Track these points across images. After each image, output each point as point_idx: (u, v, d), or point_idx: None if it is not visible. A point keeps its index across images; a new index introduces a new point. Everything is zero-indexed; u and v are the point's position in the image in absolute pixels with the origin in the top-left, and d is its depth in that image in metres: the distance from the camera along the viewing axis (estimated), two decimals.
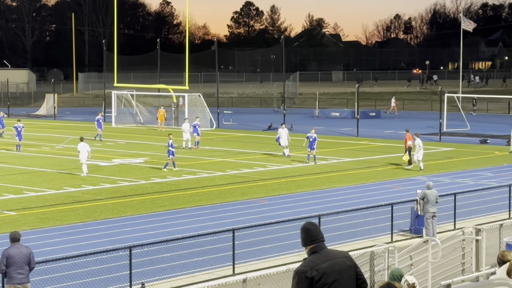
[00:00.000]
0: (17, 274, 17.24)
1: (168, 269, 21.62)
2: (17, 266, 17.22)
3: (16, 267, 17.22)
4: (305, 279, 8.65)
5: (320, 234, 8.83)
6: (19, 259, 17.23)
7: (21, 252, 17.32)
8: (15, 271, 17.23)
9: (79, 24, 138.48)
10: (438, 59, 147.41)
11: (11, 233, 18.00)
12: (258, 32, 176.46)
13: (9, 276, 17.27)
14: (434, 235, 24.06)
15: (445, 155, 47.13)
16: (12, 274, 17.24)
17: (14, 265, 17.21)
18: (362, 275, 9.04)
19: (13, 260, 17.20)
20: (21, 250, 17.40)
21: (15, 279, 17.26)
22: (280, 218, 26.96)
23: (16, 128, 47.98)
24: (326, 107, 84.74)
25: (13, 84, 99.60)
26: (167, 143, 40.09)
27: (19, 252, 17.30)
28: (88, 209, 30.18)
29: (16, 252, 17.28)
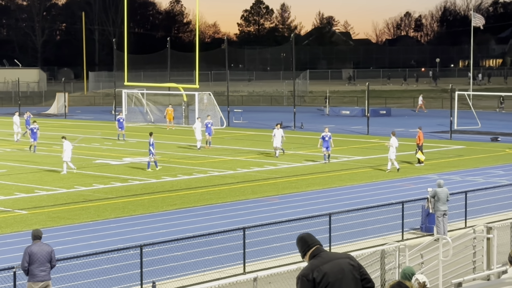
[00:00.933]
0: (39, 272, 17.40)
1: (179, 268, 21.65)
2: (39, 263, 17.38)
3: (38, 265, 17.38)
4: (307, 282, 8.70)
5: (315, 239, 9.00)
6: (41, 256, 17.39)
7: (43, 250, 17.49)
8: (37, 269, 17.38)
9: (89, 23, 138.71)
10: (449, 57, 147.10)
11: (33, 231, 18.14)
12: (268, 31, 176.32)
13: (32, 273, 17.42)
14: (445, 233, 24.02)
15: (455, 153, 47.02)
16: (35, 271, 17.39)
17: (36, 263, 17.37)
18: (367, 275, 9.05)
19: (36, 258, 17.36)
20: (43, 247, 17.56)
21: (37, 277, 17.41)
22: (291, 216, 26.98)
23: (32, 130, 47.72)
24: (336, 105, 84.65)
25: (23, 83, 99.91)
26: (148, 142, 39.87)
27: (41, 250, 17.46)
28: (99, 208, 30.24)
29: (38, 250, 17.44)
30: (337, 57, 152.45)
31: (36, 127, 47.76)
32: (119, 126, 54.11)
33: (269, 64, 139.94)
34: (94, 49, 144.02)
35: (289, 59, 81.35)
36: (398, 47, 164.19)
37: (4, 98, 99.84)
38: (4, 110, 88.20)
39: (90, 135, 50.54)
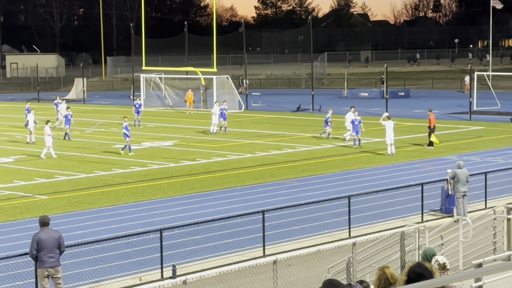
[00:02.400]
0: (48, 258, 17.41)
1: (199, 251, 21.72)
2: (47, 250, 17.39)
3: (47, 251, 17.39)
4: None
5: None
6: (49, 243, 17.39)
7: (51, 236, 17.48)
8: (46, 255, 17.40)
9: (107, 8, 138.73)
10: (467, 37, 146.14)
11: (40, 218, 18.15)
12: (286, 13, 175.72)
13: (40, 260, 17.45)
14: (465, 215, 23.95)
15: (475, 134, 46.80)
16: (43, 258, 17.41)
17: (44, 249, 17.37)
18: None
19: (44, 244, 17.36)
20: (50, 234, 17.55)
21: (46, 263, 17.43)
22: (310, 199, 26.98)
23: (66, 117, 47.45)
24: (354, 88, 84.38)
25: (42, 69, 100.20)
26: (122, 125, 39.98)
27: (49, 236, 17.45)
28: (119, 192, 30.35)
29: (46, 236, 17.44)
30: (355, 39, 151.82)
31: (70, 113, 47.61)
32: (136, 112, 54.12)
33: (287, 47, 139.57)
34: (112, 34, 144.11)
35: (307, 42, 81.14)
36: (417, 28, 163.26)
37: (23, 84, 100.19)
38: (23, 96, 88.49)
39: (108, 120, 50.63)
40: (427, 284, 5.60)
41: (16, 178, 33.39)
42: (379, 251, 18.60)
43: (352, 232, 23.51)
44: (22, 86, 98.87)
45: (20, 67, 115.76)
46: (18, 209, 27.51)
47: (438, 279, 6.32)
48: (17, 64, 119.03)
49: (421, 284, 5.60)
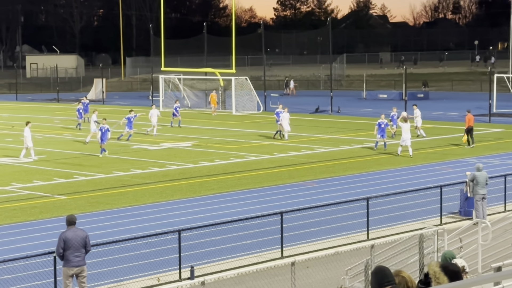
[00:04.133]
0: (74, 257, 17.51)
1: (217, 252, 21.73)
2: (74, 249, 17.48)
3: (73, 250, 17.48)
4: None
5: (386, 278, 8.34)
6: (76, 242, 17.49)
7: (78, 235, 17.58)
8: (72, 254, 17.49)
9: (126, 8, 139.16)
10: (487, 39, 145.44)
11: (67, 217, 18.24)
12: (305, 15, 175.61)
13: (67, 259, 17.54)
14: (484, 217, 23.84)
15: (495, 136, 46.59)
16: (70, 257, 17.51)
17: (71, 248, 17.47)
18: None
19: (70, 244, 17.47)
20: (77, 233, 17.66)
21: (72, 262, 17.53)
22: (328, 201, 26.94)
23: (128, 119, 46.61)
24: (373, 89, 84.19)
25: (62, 69, 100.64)
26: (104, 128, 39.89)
27: (75, 235, 17.55)
28: (137, 193, 30.42)
29: (73, 235, 17.54)
30: (374, 40, 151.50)
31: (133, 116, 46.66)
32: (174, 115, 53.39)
33: (305, 48, 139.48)
34: (131, 35, 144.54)
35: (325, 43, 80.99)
36: (436, 29, 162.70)
37: (43, 84, 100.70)
38: (43, 96, 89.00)
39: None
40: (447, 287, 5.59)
41: (35, 178, 33.55)
42: (397, 254, 18.54)
43: (370, 234, 23.46)
44: (41, 86, 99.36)
45: (40, 67, 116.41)
46: (37, 209, 27.64)
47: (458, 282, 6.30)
48: (37, 65, 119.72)
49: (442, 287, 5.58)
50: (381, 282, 8.27)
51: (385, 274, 8.34)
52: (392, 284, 8.26)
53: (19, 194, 30.24)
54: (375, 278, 8.34)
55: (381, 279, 8.26)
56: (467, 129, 41.61)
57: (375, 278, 8.35)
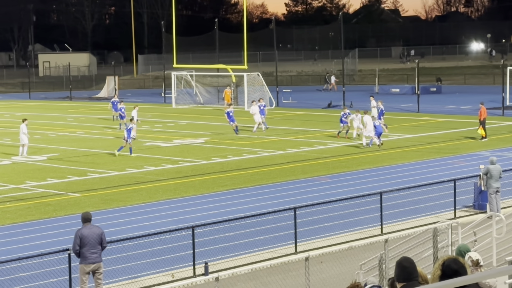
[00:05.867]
0: (90, 254, 17.61)
1: (231, 248, 21.75)
2: (90, 246, 17.58)
3: (90, 247, 17.58)
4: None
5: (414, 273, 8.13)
6: (92, 239, 17.59)
7: (94, 232, 17.69)
8: (88, 251, 17.59)
9: (138, 6, 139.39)
10: (500, 32, 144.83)
11: (83, 214, 18.34)
12: (316, 10, 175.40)
13: (83, 256, 17.64)
14: (498, 211, 23.76)
15: (508, 129, 46.42)
16: (86, 254, 17.61)
17: (87, 245, 17.57)
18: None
19: (87, 240, 17.57)
20: (93, 230, 17.76)
21: (89, 259, 17.62)
22: (342, 195, 26.91)
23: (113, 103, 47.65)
24: (385, 84, 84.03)
25: (74, 68, 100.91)
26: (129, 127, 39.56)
27: (91, 232, 17.66)
28: (151, 189, 30.48)
29: (89, 232, 17.64)
30: (386, 34, 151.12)
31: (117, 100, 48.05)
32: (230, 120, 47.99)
33: (317, 44, 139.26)
34: (143, 32, 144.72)
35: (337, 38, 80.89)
36: (449, 23, 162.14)
37: (56, 82, 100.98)
38: (56, 94, 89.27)
39: (141, 118, 50.75)
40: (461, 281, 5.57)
41: (49, 176, 33.66)
42: (411, 248, 18.52)
43: (384, 229, 23.43)
44: (54, 84, 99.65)
45: (53, 65, 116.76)
46: (51, 206, 27.74)
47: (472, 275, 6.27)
48: (49, 63, 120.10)
49: (455, 280, 5.57)
50: (411, 277, 8.11)
51: (414, 267, 8.18)
52: (417, 280, 8.14)
53: (33, 192, 30.34)
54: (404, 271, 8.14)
55: (410, 273, 8.12)
56: (482, 121, 41.53)
57: (403, 270, 8.15)
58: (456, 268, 7.66)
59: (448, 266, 7.71)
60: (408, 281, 8.04)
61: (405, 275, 8.06)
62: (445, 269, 7.71)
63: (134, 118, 43.60)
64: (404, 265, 8.10)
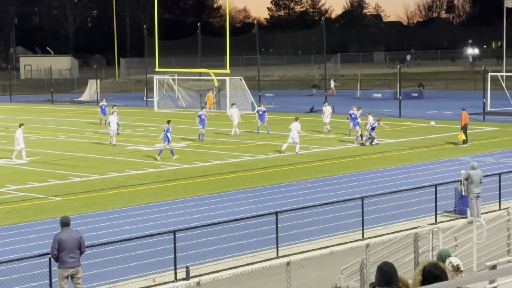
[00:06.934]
0: (69, 258, 17.49)
1: (212, 253, 21.73)
2: (68, 250, 17.46)
3: (68, 252, 17.46)
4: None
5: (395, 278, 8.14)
6: (70, 243, 17.47)
7: (72, 237, 17.57)
8: (66, 256, 17.47)
9: (120, 9, 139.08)
10: (481, 37, 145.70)
11: (61, 218, 18.22)
12: (299, 14, 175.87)
13: (61, 260, 17.52)
14: (479, 216, 23.88)
15: (489, 135, 46.66)
16: (64, 258, 17.49)
17: (66, 250, 17.45)
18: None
19: (65, 245, 17.44)
20: (71, 234, 17.65)
21: (67, 263, 17.51)
22: (323, 200, 26.96)
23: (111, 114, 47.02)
24: (368, 89, 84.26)
25: (56, 71, 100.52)
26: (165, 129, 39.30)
27: (70, 237, 17.54)
28: (132, 193, 30.41)
29: (67, 237, 17.52)
30: (368, 40, 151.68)
31: (116, 111, 47.15)
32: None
33: (300, 48, 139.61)
34: (125, 36, 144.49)
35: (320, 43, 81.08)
36: (430, 28, 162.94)
37: (37, 85, 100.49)
38: (37, 97, 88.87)
39: (123, 121, 50.65)
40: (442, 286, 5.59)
41: (30, 179, 33.51)
42: (392, 253, 18.57)
43: (365, 234, 23.48)
44: (35, 88, 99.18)
45: (34, 69, 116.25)
46: (32, 210, 27.62)
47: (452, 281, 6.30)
48: (30, 66, 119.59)
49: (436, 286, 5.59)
50: (391, 281, 8.14)
51: (395, 272, 8.22)
52: (397, 285, 8.17)
53: (14, 195, 30.20)
54: (384, 275, 8.17)
55: (390, 278, 8.15)
56: (463, 127, 41.75)
57: (383, 275, 8.17)
58: (437, 273, 7.69)
59: (429, 271, 7.74)
60: (389, 285, 8.06)
61: (385, 280, 8.09)
62: (426, 274, 7.74)
63: (112, 124, 43.59)
64: (385, 270, 8.13)
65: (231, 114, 48.51)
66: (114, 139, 43.88)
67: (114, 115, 45.12)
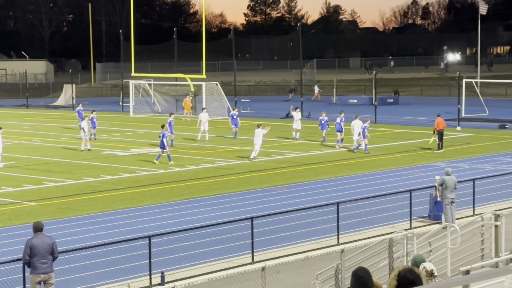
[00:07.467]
0: (40, 264, 17.37)
1: (188, 258, 21.70)
2: (40, 256, 17.34)
3: (40, 257, 17.34)
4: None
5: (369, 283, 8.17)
6: (42, 249, 17.35)
7: (44, 242, 17.44)
8: (38, 261, 17.35)
9: (96, 14, 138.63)
10: (456, 44, 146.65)
11: (34, 223, 18.10)
12: (275, 20, 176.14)
13: (33, 266, 17.41)
14: (453, 221, 24.01)
15: (463, 141, 46.95)
16: (36, 264, 17.37)
17: (37, 255, 17.32)
18: None
19: (37, 250, 17.32)
20: (44, 240, 17.52)
21: (39, 269, 17.39)
22: (299, 205, 26.99)
23: (91, 119, 47.32)
24: (343, 94, 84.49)
25: (31, 75, 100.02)
26: (160, 134, 39.43)
27: (42, 242, 17.41)
28: (107, 199, 30.30)
29: (40, 242, 17.39)
30: (344, 46, 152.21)
31: (95, 116, 47.99)
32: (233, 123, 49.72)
33: (276, 54, 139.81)
34: (101, 40, 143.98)
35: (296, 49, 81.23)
36: (406, 35, 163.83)
37: (12, 90, 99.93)
38: (12, 102, 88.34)
39: (98, 126, 50.44)
40: None
41: (4, 184, 33.29)
42: (367, 258, 18.62)
43: (340, 239, 23.54)
44: (10, 92, 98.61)
45: (9, 73, 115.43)
46: (6, 215, 27.44)
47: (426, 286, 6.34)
48: (5, 70, 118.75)
49: None
50: (366, 287, 8.16)
51: (369, 277, 8.24)
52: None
53: None
54: (359, 281, 8.19)
55: (365, 283, 8.17)
56: (438, 131, 41.92)
57: (358, 280, 8.20)
58: (412, 278, 7.72)
59: (404, 277, 7.77)
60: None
61: (360, 285, 8.11)
62: (400, 279, 7.76)
63: (84, 129, 43.44)
64: (360, 275, 8.15)
65: (200, 118, 48.46)
66: (84, 144, 43.52)
67: (85, 121, 44.90)
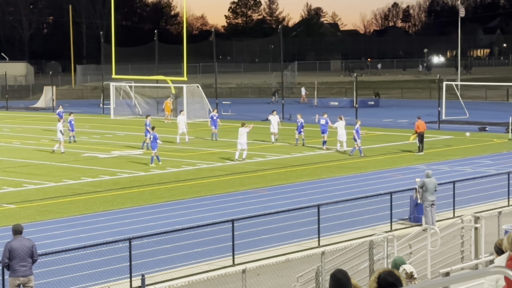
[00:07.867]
0: (20, 267, 17.25)
1: (168, 261, 21.65)
2: (20, 258, 17.21)
3: (19, 260, 17.21)
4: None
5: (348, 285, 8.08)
6: (21, 251, 17.23)
7: (24, 245, 17.32)
8: (17, 264, 17.23)
9: (77, 16, 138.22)
10: (437, 47, 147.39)
11: (13, 226, 17.99)
12: (256, 22, 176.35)
13: (12, 269, 17.29)
14: (433, 223, 24.10)
15: (444, 143, 47.13)
16: (15, 267, 17.25)
17: (17, 258, 17.19)
18: None
19: (16, 253, 17.19)
20: (23, 242, 17.40)
21: (18, 272, 17.27)
22: (280, 208, 27.01)
23: (69, 122, 47.63)
24: (324, 97, 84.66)
25: (11, 77, 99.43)
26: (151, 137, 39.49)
27: (21, 245, 17.29)
28: (88, 201, 30.19)
29: (19, 245, 17.27)
30: (325, 48, 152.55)
31: (73, 119, 48.19)
32: (212, 124, 50.28)
33: (257, 56, 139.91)
34: (82, 42, 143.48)
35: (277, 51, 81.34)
36: (386, 38, 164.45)
37: None
38: None
39: (79, 128, 50.31)
40: None
41: None
42: (348, 260, 18.66)
43: (321, 241, 23.57)
44: None
45: None
46: None
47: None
48: None
49: None
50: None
51: (348, 280, 8.23)
52: None
53: None
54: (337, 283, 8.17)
55: (343, 286, 8.15)
56: (419, 134, 42.09)
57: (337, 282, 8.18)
58: (392, 280, 7.73)
59: (384, 279, 7.77)
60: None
61: (338, 287, 8.11)
62: (381, 281, 7.77)
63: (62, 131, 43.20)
64: (338, 277, 8.14)
65: (178, 121, 48.41)
66: (60, 147, 43.20)
67: (60, 122, 44.58)
